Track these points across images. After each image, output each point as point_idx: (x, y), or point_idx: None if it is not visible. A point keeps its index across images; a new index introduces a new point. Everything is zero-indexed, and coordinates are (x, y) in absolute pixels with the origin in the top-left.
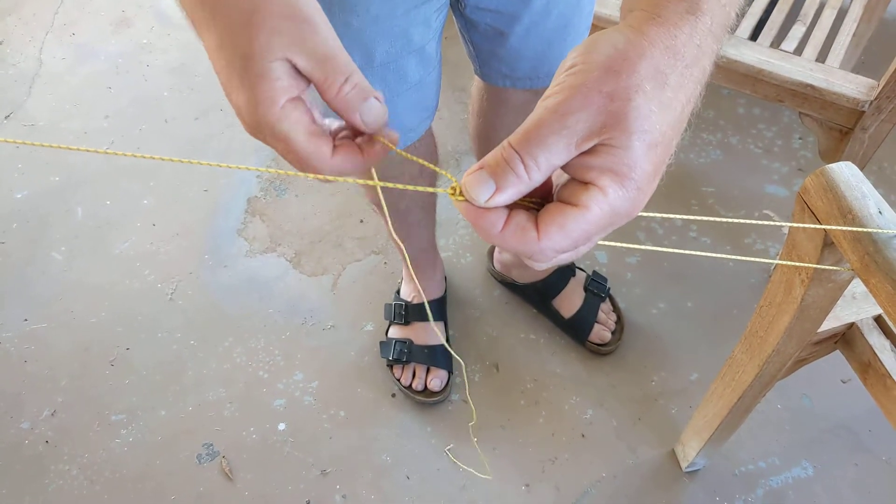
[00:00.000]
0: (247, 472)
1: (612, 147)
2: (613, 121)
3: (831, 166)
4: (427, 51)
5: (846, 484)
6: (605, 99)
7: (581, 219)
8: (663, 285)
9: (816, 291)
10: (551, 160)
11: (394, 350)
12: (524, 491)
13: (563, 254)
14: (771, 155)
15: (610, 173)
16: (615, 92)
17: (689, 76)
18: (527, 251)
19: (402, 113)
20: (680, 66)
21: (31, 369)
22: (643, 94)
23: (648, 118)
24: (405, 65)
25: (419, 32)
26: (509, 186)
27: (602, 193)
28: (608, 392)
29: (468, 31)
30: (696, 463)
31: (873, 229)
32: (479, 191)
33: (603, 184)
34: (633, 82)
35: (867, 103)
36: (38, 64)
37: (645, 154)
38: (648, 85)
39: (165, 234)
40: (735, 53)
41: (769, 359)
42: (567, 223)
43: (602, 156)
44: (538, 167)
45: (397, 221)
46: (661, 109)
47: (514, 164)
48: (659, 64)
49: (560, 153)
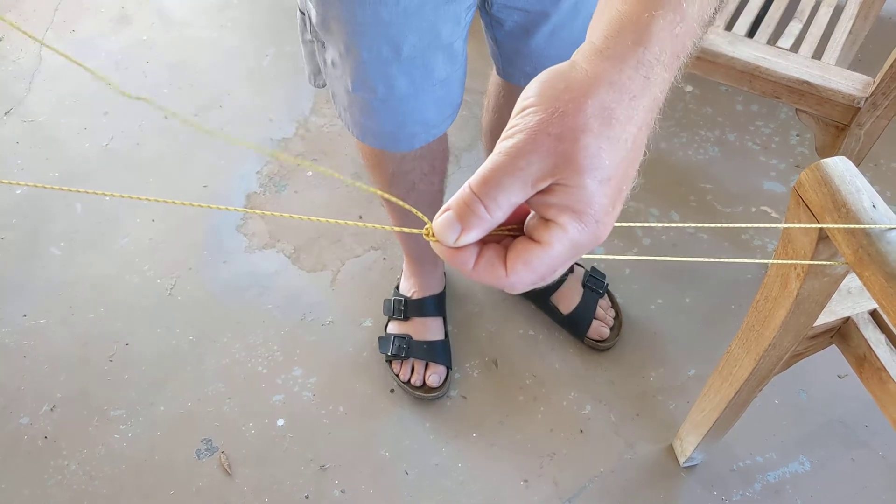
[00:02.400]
0: (246, 467)
1: (566, 186)
2: (563, 161)
3: (826, 161)
4: (455, 48)
5: (843, 478)
6: (554, 141)
7: (544, 255)
8: (661, 281)
9: (812, 286)
10: (510, 199)
11: (392, 345)
12: (523, 486)
13: (533, 285)
14: (768, 151)
15: (568, 211)
16: (563, 133)
17: (637, 107)
18: (497, 286)
19: (425, 108)
20: (626, 99)
21: (30, 364)
22: (590, 132)
23: (598, 156)
24: (432, 60)
25: (448, 28)
26: (473, 227)
27: (562, 230)
28: (606, 388)
29: (493, 29)
30: (693, 458)
31: (867, 224)
32: (447, 233)
33: (562, 221)
34: (580, 122)
35: (863, 100)
36: (38, 60)
37: (598, 189)
38: (595, 123)
39: (164, 229)
40: (732, 50)
41: (766, 353)
42: (531, 260)
43: (558, 195)
44: (498, 207)
45: (403, 216)
46: (611, 145)
47: (476, 207)
48: (604, 100)
49: (517, 193)
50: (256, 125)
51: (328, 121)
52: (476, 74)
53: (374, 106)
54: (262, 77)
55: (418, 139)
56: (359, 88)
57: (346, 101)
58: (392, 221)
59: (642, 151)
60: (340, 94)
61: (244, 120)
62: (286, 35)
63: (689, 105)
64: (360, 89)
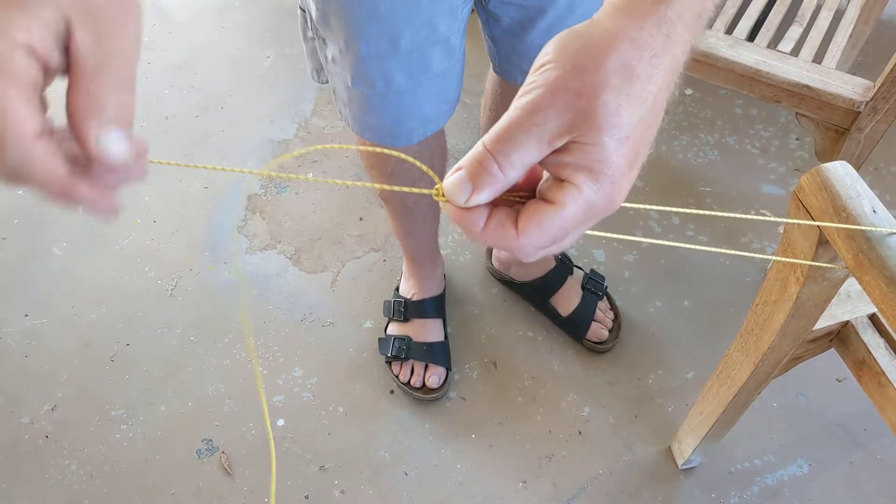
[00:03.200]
0: (246, 468)
1: (583, 144)
2: (582, 118)
3: (826, 165)
4: (452, 42)
5: (841, 481)
6: (573, 96)
7: (557, 216)
8: (660, 284)
9: (811, 289)
10: (524, 158)
11: (392, 347)
12: (521, 487)
13: (545, 249)
14: (768, 155)
15: (584, 170)
16: (582, 89)
17: (658, 66)
18: (507, 248)
19: (423, 103)
20: (647, 57)
21: (31, 364)
22: (610, 89)
23: (617, 113)
24: (430, 54)
25: (445, 22)
26: (486, 186)
27: (577, 190)
28: (605, 389)
29: (490, 26)
30: (692, 460)
31: (867, 227)
32: (458, 192)
33: (577, 181)
34: (600, 78)
35: (863, 104)
36: None
37: (616, 148)
38: (616, 79)
39: (166, 230)
40: (733, 54)
41: (764, 356)
42: (544, 221)
43: (575, 153)
44: (512, 165)
45: (404, 216)
46: (630, 103)
47: (489, 165)
48: (625, 57)
49: (532, 151)
50: (257, 126)
51: (329, 122)
52: (474, 77)
53: (372, 101)
54: (263, 79)
55: (416, 134)
56: (358, 83)
57: (346, 97)
58: (393, 223)
59: (661, 115)
60: (340, 90)
61: (245, 121)
62: (287, 37)
63: (689, 108)
64: (359, 84)
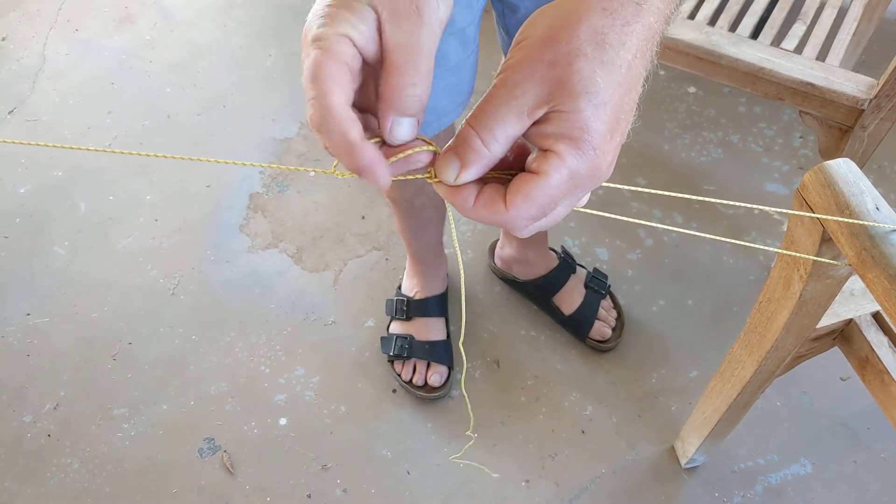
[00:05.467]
0: (248, 467)
1: (561, 112)
2: (558, 87)
3: (829, 163)
4: (467, 33)
5: (844, 481)
6: (548, 67)
7: (543, 185)
8: (663, 282)
9: (815, 287)
10: (507, 131)
11: (395, 345)
12: (524, 487)
13: (535, 221)
14: (771, 153)
15: (564, 138)
16: (556, 59)
17: (630, 33)
18: (498, 222)
19: (438, 96)
20: (619, 25)
21: (33, 363)
22: (583, 57)
23: (592, 79)
24: (445, 46)
25: (461, 14)
26: (473, 162)
27: (559, 158)
28: (608, 389)
29: (505, 17)
30: (695, 459)
31: (869, 223)
32: (447, 171)
33: (559, 149)
34: (573, 47)
35: (867, 102)
36: (41, 60)
37: (594, 114)
38: (588, 47)
39: (168, 229)
40: (736, 52)
41: (768, 355)
42: (530, 191)
43: (554, 122)
44: (496, 140)
45: (411, 217)
46: (604, 69)
47: (473, 141)
48: (596, 25)
49: (514, 124)
50: (259, 125)
51: None
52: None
53: None
54: (265, 77)
55: (430, 128)
56: None
57: None
58: (399, 223)
59: (640, 81)
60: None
61: (247, 120)
62: (289, 35)
63: (692, 106)
64: None
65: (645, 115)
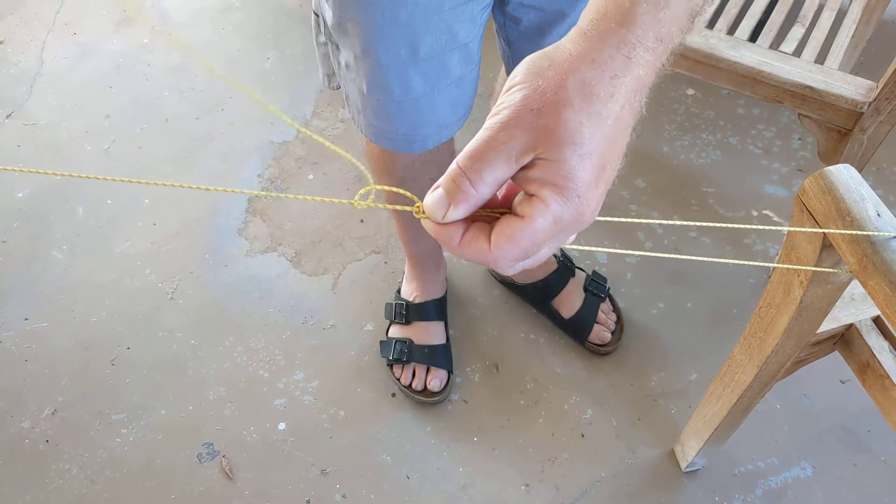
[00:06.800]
0: (247, 472)
1: (547, 161)
2: (545, 135)
3: (830, 169)
4: (470, 48)
5: (845, 484)
6: (536, 115)
7: (527, 229)
8: (663, 286)
9: (815, 293)
10: (494, 175)
11: (394, 350)
12: (524, 491)
13: (518, 262)
14: (770, 155)
15: (549, 185)
16: (544, 108)
17: (618, 86)
18: (483, 261)
19: (440, 109)
20: (607, 77)
21: (31, 368)
22: (571, 107)
23: (579, 130)
24: (448, 60)
25: (464, 29)
26: (461, 203)
27: (543, 204)
28: (608, 392)
29: (506, 29)
30: (695, 463)
31: (871, 232)
32: (436, 209)
33: (544, 195)
34: (561, 97)
35: (866, 104)
36: (39, 63)
37: (580, 164)
38: (576, 98)
39: (166, 233)
40: (735, 55)
41: (768, 359)
42: (514, 234)
43: (540, 169)
44: (483, 182)
45: (410, 222)
46: (591, 120)
47: (462, 183)
48: (585, 77)
49: (502, 168)
50: (258, 128)
51: (329, 124)
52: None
53: (388, 108)
54: (263, 80)
55: (431, 140)
56: (374, 90)
57: (360, 104)
58: (399, 228)
59: (627, 132)
60: (354, 97)
61: (245, 123)
62: (287, 38)
63: (691, 108)
64: (375, 91)
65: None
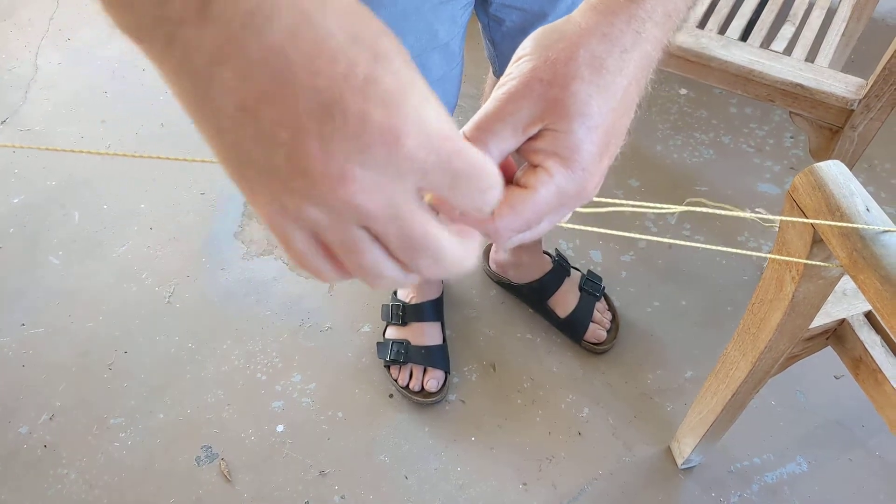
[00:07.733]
0: (245, 474)
1: (555, 132)
2: (553, 106)
3: (819, 165)
4: (451, 47)
5: (840, 479)
6: (545, 86)
7: (529, 199)
8: (657, 284)
9: (807, 288)
10: (501, 145)
11: (391, 351)
12: (522, 490)
13: (519, 233)
14: (763, 153)
15: (555, 156)
16: (553, 79)
17: (628, 60)
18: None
19: None
20: (617, 52)
21: (29, 374)
22: (581, 79)
23: (587, 102)
24: (428, 60)
25: (445, 28)
26: None
27: (548, 175)
28: (604, 390)
29: (490, 29)
30: (691, 460)
31: (860, 225)
32: None
33: (548, 166)
34: (571, 69)
35: (856, 102)
36: (33, 69)
37: (587, 136)
38: (586, 71)
39: (162, 237)
40: (726, 54)
41: (762, 355)
42: (517, 204)
43: (547, 140)
44: (490, 152)
45: None
46: (600, 93)
47: None
48: (595, 50)
49: (508, 139)
50: None
51: None
52: (471, 79)
53: None
54: None
55: None
56: None
57: None
58: None
59: (633, 108)
60: None
61: None
62: None
63: (684, 108)
64: None
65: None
